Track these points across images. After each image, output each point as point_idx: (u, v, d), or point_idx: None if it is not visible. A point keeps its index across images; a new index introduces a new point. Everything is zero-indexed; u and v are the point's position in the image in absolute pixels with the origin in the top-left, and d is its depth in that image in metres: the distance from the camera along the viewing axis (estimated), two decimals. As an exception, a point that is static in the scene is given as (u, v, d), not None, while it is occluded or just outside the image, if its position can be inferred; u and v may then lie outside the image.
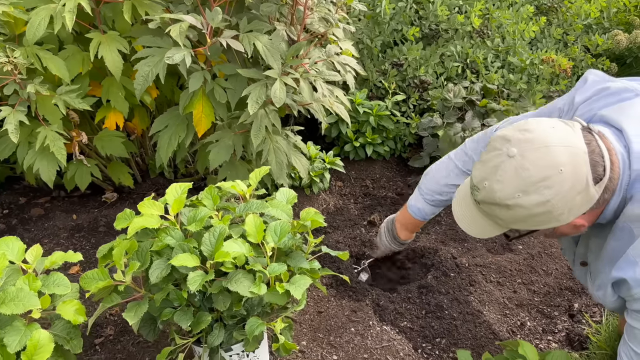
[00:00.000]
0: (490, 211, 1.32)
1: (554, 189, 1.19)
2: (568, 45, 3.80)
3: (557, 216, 1.23)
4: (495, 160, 1.26)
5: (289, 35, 2.20)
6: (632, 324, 1.34)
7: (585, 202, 1.23)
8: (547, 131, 1.23)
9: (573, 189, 1.20)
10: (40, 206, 2.90)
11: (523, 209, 1.23)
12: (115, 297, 1.51)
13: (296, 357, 1.96)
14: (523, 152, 1.22)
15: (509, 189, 1.23)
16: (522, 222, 1.29)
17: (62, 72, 2.15)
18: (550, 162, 1.19)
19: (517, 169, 1.22)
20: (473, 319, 2.16)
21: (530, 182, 1.21)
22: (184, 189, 1.60)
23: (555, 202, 1.20)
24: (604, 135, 1.29)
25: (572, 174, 1.19)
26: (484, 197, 1.30)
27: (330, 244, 2.57)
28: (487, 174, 1.28)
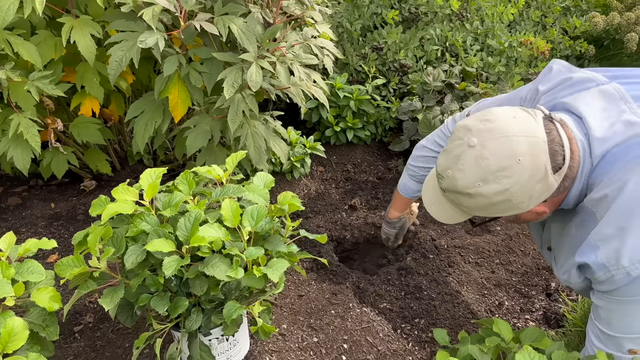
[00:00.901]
0: (454, 199, 1.36)
1: (512, 178, 1.22)
2: (546, 27, 3.82)
3: (517, 204, 1.26)
4: (457, 150, 1.29)
5: (264, 18, 2.18)
6: (597, 303, 1.37)
7: (545, 191, 1.26)
8: (508, 121, 1.25)
9: (532, 178, 1.22)
10: (18, 195, 2.86)
11: (483, 197, 1.26)
12: (91, 284, 1.50)
13: (277, 340, 1.97)
14: (483, 141, 1.24)
15: (470, 178, 1.26)
16: (484, 210, 1.32)
17: (34, 57, 2.11)
18: (509, 152, 1.22)
19: (477, 159, 1.24)
20: (451, 299, 2.19)
21: (489, 171, 1.23)
22: (159, 174, 1.59)
23: (514, 190, 1.23)
24: (565, 123, 1.31)
25: (530, 164, 1.21)
26: (447, 185, 1.33)
27: (311, 229, 2.58)
28: (450, 163, 1.31)
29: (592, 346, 1.43)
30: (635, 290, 1.25)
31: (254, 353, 1.91)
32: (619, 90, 1.34)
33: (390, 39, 3.41)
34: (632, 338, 1.32)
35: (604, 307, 1.35)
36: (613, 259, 1.23)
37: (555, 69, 1.49)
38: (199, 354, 1.60)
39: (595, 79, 1.39)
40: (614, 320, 1.34)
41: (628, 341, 1.32)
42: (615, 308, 1.32)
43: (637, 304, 1.28)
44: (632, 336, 1.31)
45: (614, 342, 1.35)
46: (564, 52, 3.67)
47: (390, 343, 1.99)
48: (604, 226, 1.26)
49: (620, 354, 1.35)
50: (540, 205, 1.30)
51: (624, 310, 1.31)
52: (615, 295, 1.30)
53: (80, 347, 1.95)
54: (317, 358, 1.91)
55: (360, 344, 1.97)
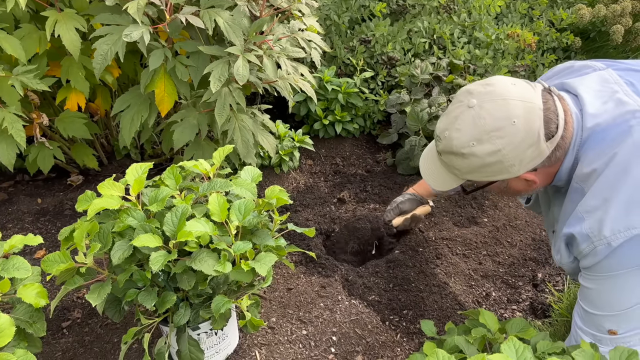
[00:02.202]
0: (448, 161, 1.39)
1: (506, 139, 1.26)
2: (533, 19, 3.84)
3: (507, 167, 1.30)
4: (457, 111, 1.33)
5: (251, 11, 2.17)
6: (583, 283, 1.41)
7: (536, 156, 1.29)
8: (508, 86, 1.30)
9: (524, 142, 1.26)
10: (4, 190, 2.84)
11: (477, 157, 1.30)
12: (77, 280, 1.50)
13: (266, 333, 1.98)
14: (482, 103, 1.29)
15: (465, 137, 1.30)
16: (476, 171, 1.35)
17: (18, 51, 2.08)
18: (505, 113, 1.26)
19: (475, 118, 1.29)
20: (439, 291, 2.20)
21: (484, 130, 1.27)
22: (144, 169, 1.58)
23: (507, 152, 1.27)
24: (563, 98, 1.36)
25: (524, 127, 1.25)
26: (443, 147, 1.37)
27: (300, 222, 2.59)
28: (448, 124, 1.35)
29: (575, 327, 1.47)
30: (615, 264, 1.29)
31: (243, 347, 1.92)
32: (613, 76, 1.40)
33: (378, 32, 3.41)
34: (612, 316, 1.35)
35: (587, 285, 1.38)
36: (596, 229, 1.27)
37: (559, 66, 1.59)
38: (188, 349, 1.60)
39: (593, 66, 1.47)
40: (595, 298, 1.38)
41: (607, 320, 1.36)
42: (597, 285, 1.36)
43: (616, 279, 1.31)
44: (612, 314, 1.35)
45: (595, 322, 1.39)
46: (551, 44, 3.69)
47: (379, 335, 2.01)
48: (590, 198, 1.30)
49: (600, 334, 1.39)
50: (530, 173, 1.33)
51: (605, 287, 1.34)
52: (596, 271, 1.33)
53: (69, 343, 1.94)
54: (307, 350, 1.92)
55: (349, 336, 1.98)
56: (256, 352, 1.90)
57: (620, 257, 1.26)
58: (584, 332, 1.43)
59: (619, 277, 1.30)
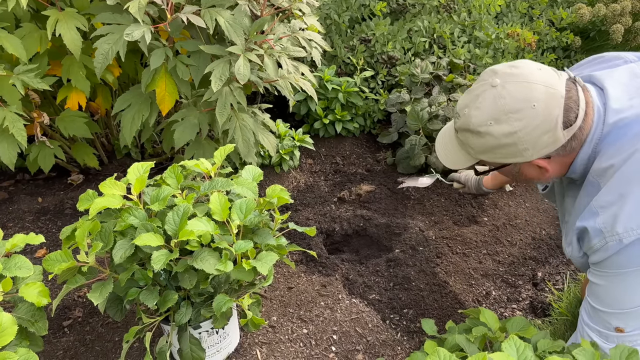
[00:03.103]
0: (464, 139, 1.39)
1: (523, 121, 1.25)
2: (533, 19, 3.84)
3: (521, 150, 1.29)
4: (479, 90, 1.33)
5: (252, 10, 2.17)
6: (592, 279, 1.40)
7: (551, 143, 1.28)
8: (533, 71, 1.30)
9: (541, 127, 1.25)
10: (4, 190, 2.84)
11: (492, 137, 1.30)
12: (79, 278, 1.50)
13: (267, 332, 1.99)
14: (505, 83, 1.28)
15: (484, 115, 1.30)
16: (490, 152, 1.34)
17: (19, 51, 2.08)
18: (526, 95, 1.25)
19: (496, 97, 1.28)
20: (439, 290, 2.21)
21: (503, 110, 1.27)
22: (146, 168, 1.59)
23: (522, 135, 1.27)
24: (587, 89, 1.34)
25: (543, 112, 1.25)
26: (461, 124, 1.37)
27: (301, 221, 2.59)
28: (469, 101, 1.35)
29: (582, 323, 1.46)
30: (624, 262, 1.28)
31: (244, 345, 1.92)
32: None
33: (378, 31, 3.42)
34: (619, 314, 1.34)
35: (595, 281, 1.38)
36: (609, 224, 1.26)
37: (589, 58, 1.55)
38: (189, 347, 1.61)
39: (624, 57, 1.44)
40: (603, 295, 1.37)
41: (615, 317, 1.35)
42: (605, 282, 1.35)
43: (626, 277, 1.30)
44: (619, 311, 1.34)
45: (602, 318, 1.38)
46: (551, 43, 3.69)
47: (379, 333, 2.01)
48: (606, 193, 1.29)
49: (607, 331, 1.38)
50: (543, 160, 1.33)
51: (614, 284, 1.33)
52: (606, 267, 1.32)
53: (70, 342, 1.94)
54: (307, 349, 1.93)
55: (349, 335, 1.98)
56: (257, 351, 1.91)
57: (630, 255, 1.26)
58: (590, 328, 1.43)
59: (629, 275, 1.29)
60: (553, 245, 2.52)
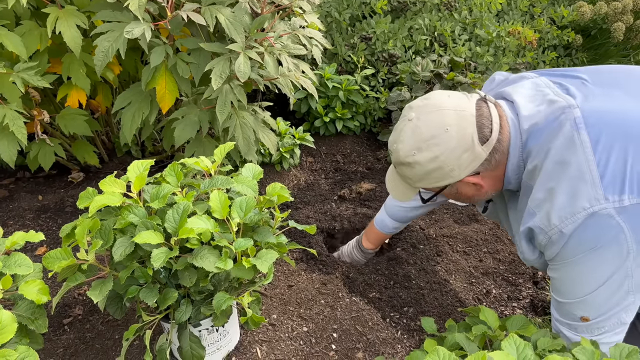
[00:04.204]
0: (401, 172, 1.50)
1: (442, 146, 1.36)
2: (534, 17, 3.83)
3: (448, 172, 1.39)
4: (401, 125, 1.46)
5: (252, 8, 2.16)
6: (549, 274, 1.47)
7: (473, 160, 1.38)
8: (442, 98, 1.42)
9: (459, 147, 1.36)
10: (4, 187, 2.84)
11: (420, 165, 1.40)
12: (79, 276, 1.50)
13: (267, 330, 1.98)
14: (419, 115, 1.41)
15: (407, 147, 1.41)
16: (424, 179, 1.44)
17: (19, 48, 2.08)
18: (439, 122, 1.37)
19: (413, 130, 1.40)
20: (440, 288, 2.21)
21: (421, 139, 1.38)
22: (146, 166, 1.58)
23: (444, 158, 1.37)
24: (499, 104, 1.45)
25: (457, 133, 1.35)
26: (394, 159, 1.48)
27: (301, 219, 2.59)
28: (395, 138, 1.47)
29: (554, 320, 1.52)
30: (570, 251, 1.33)
31: (244, 343, 1.92)
32: (545, 81, 1.49)
33: (379, 29, 3.41)
34: (579, 302, 1.39)
35: (553, 275, 1.44)
36: (545, 219, 1.33)
37: (497, 77, 1.69)
38: (189, 345, 1.61)
39: (527, 76, 1.56)
40: (561, 287, 1.43)
41: (576, 307, 1.40)
42: (559, 274, 1.41)
43: (575, 265, 1.35)
44: (578, 300, 1.39)
45: (567, 310, 1.44)
46: (552, 41, 3.68)
47: (380, 332, 2.01)
48: (536, 192, 1.37)
49: (575, 322, 1.43)
50: (473, 177, 1.42)
51: (566, 274, 1.39)
52: (558, 260, 1.38)
53: (70, 340, 1.94)
54: (307, 347, 1.93)
55: (349, 333, 1.98)
56: (257, 349, 1.91)
57: (574, 243, 1.31)
58: (560, 323, 1.49)
59: (577, 263, 1.34)
60: (553, 244, 2.52)
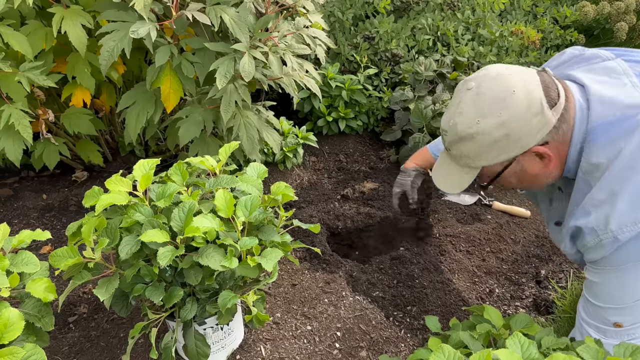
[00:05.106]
0: (458, 152, 1.37)
1: (509, 110, 1.25)
2: (537, 17, 3.83)
3: (516, 140, 1.28)
4: (457, 98, 1.35)
5: (256, 8, 2.17)
6: (588, 276, 1.41)
7: (543, 125, 1.28)
8: (501, 67, 1.33)
9: (528, 111, 1.25)
10: (9, 186, 2.85)
11: (484, 135, 1.29)
12: (85, 274, 1.51)
13: (271, 329, 1.99)
14: (480, 82, 1.30)
15: (469, 116, 1.30)
16: (487, 153, 1.32)
17: (25, 48, 2.09)
18: (504, 86, 1.27)
19: (475, 97, 1.30)
20: (443, 287, 2.21)
21: (486, 104, 1.28)
22: (152, 165, 1.59)
23: (512, 123, 1.26)
24: (564, 82, 1.36)
25: (525, 96, 1.26)
26: (450, 138, 1.36)
27: (304, 218, 2.59)
28: (451, 114, 1.36)
29: (580, 320, 1.47)
30: (621, 259, 1.29)
31: (249, 341, 1.93)
32: (622, 66, 1.38)
33: (382, 29, 3.41)
34: (617, 309, 1.35)
35: (593, 279, 1.39)
36: (602, 223, 1.27)
37: (568, 52, 1.54)
38: (194, 343, 1.62)
39: (602, 55, 1.44)
40: (601, 292, 1.38)
41: (613, 313, 1.36)
42: (602, 279, 1.36)
43: (622, 273, 1.31)
44: (617, 307, 1.35)
45: (600, 314, 1.39)
46: (555, 41, 3.68)
47: (383, 330, 2.02)
48: (597, 192, 1.29)
49: (605, 326, 1.39)
50: (543, 147, 1.31)
51: (611, 281, 1.34)
52: (602, 265, 1.33)
53: (75, 338, 1.95)
54: (311, 346, 1.93)
55: (353, 332, 1.99)
56: (261, 347, 1.91)
57: (627, 251, 1.27)
58: (588, 324, 1.44)
59: (625, 271, 1.30)
60: (556, 243, 2.52)
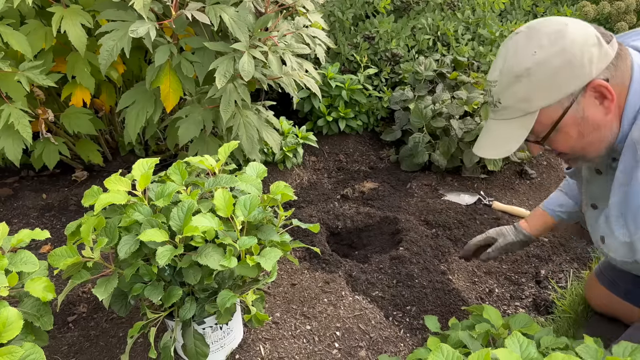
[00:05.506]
0: (512, 100, 1.27)
1: (567, 38, 1.20)
2: (537, 16, 3.83)
3: (579, 68, 1.20)
4: (504, 49, 1.28)
5: (256, 7, 2.17)
6: None
7: (603, 56, 1.21)
8: None
9: (586, 41, 1.20)
10: (9, 186, 2.85)
11: (543, 66, 1.21)
12: (84, 274, 1.51)
13: (270, 328, 1.99)
14: (528, 25, 1.26)
15: (525, 51, 1.23)
16: (546, 87, 1.23)
17: (24, 47, 2.10)
18: (555, 21, 1.23)
19: (527, 35, 1.24)
20: (443, 287, 2.21)
21: (542, 36, 1.21)
22: (151, 165, 1.59)
23: (572, 49, 1.19)
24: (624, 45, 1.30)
25: (580, 28, 1.21)
26: (503, 84, 1.27)
27: (304, 218, 2.59)
28: (500, 63, 1.28)
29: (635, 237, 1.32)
30: None
31: (248, 341, 1.93)
32: None
33: (382, 28, 3.41)
34: None
35: None
36: None
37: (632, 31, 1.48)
38: (193, 343, 1.62)
39: None
40: None
41: None
42: None
43: None
44: None
45: None
46: (555, 41, 3.68)
47: (382, 330, 2.02)
48: None
49: None
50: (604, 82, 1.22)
51: None
52: None
53: (74, 337, 1.95)
54: (310, 345, 1.93)
55: (352, 332, 1.99)
56: (260, 347, 1.91)
57: None
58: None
59: None
60: (556, 243, 2.52)
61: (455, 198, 2.80)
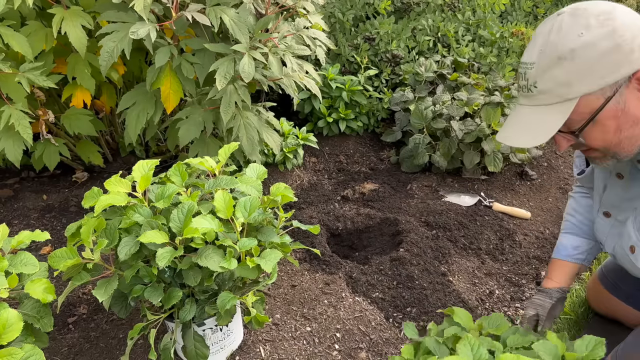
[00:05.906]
0: (551, 84, 1.16)
1: (618, 19, 1.10)
2: (538, 17, 3.83)
3: (628, 53, 1.09)
4: (545, 29, 1.16)
5: (256, 9, 2.17)
6: None
7: None
8: None
9: (636, 22, 1.10)
10: (9, 187, 2.85)
11: (589, 48, 1.10)
12: (84, 275, 1.51)
13: (270, 330, 1.99)
14: (575, 6, 1.15)
15: (570, 32, 1.11)
16: (591, 72, 1.12)
17: (25, 49, 2.10)
18: (604, 3, 1.13)
19: (572, 15, 1.13)
20: (443, 289, 2.21)
21: (590, 15, 1.11)
22: (151, 166, 1.59)
23: (622, 32, 1.09)
24: None
25: (628, 12, 1.12)
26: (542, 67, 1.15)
27: (304, 219, 2.59)
28: (540, 44, 1.16)
29: None
30: None
31: (248, 343, 1.93)
32: None
33: (382, 30, 3.41)
34: None
35: None
36: None
37: None
38: (194, 344, 1.62)
39: None
40: None
41: None
42: None
43: None
44: None
45: None
46: (555, 42, 3.68)
47: (383, 332, 2.01)
48: None
49: None
50: None
51: None
52: None
53: (75, 338, 1.95)
54: (311, 347, 1.93)
55: (352, 333, 1.99)
56: (260, 348, 1.91)
57: None
58: None
59: None
60: (557, 245, 2.52)
61: (456, 199, 2.80)
